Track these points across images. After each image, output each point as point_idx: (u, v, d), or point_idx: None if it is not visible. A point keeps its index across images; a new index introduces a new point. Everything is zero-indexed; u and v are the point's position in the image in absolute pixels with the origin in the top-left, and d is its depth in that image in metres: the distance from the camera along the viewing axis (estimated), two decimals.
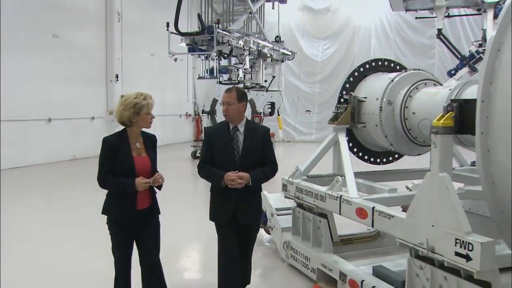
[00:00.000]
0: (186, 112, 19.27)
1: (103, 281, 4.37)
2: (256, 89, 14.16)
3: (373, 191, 4.51)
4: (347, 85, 5.21)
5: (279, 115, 15.87)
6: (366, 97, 4.93)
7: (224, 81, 12.89)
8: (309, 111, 19.91)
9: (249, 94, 14.06)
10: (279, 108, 15.60)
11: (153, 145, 3.50)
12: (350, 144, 5.15)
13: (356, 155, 5.35)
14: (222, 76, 13.04)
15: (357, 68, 5.32)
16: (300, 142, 19.31)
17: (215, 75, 12.74)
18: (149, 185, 3.29)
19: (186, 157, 13.84)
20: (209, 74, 13.07)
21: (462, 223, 2.80)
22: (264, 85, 14.17)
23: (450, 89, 4.04)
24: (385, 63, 5.41)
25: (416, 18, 12.87)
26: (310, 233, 4.67)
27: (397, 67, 5.41)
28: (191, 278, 4.87)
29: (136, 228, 3.38)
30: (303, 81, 20.05)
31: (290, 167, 5.05)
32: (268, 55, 13.86)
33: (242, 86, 12.73)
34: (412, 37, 18.62)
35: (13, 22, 11.30)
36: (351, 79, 5.24)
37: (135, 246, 3.47)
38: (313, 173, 5.00)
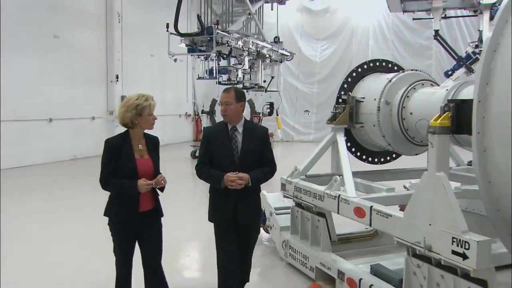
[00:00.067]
0: (185, 112, 19.27)
1: (103, 280, 4.37)
2: (255, 90, 14.16)
3: (371, 190, 4.51)
4: (345, 86, 5.21)
5: (278, 115, 15.87)
6: (364, 97, 4.94)
7: (224, 81, 12.90)
8: (307, 111, 19.91)
9: (248, 94, 14.06)
10: (278, 108, 15.61)
11: (156, 147, 3.46)
12: (348, 144, 5.15)
13: (354, 155, 5.36)
14: (222, 76, 13.05)
15: (355, 69, 5.33)
16: (298, 142, 19.31)
17: (214, 76, 12.77)
18: (152, 187, 3.26)
19: (186, 157, 13.84)
20: (208, 74, 13.10)
21: (458, 222, 2.81)
22: (263, 85, 14.16)
23: (447, 90, 4.05)
24: (383, 64, 5.42)
25: (414, 19, 12.87)
26: (308, 232, 4.67)
27: (395, 68, 5.42)
28: (191, 277, 4.87)
29: (138, 230, 3.35)
30: (301, 81, 20.06)
31: (289, 166, 5.06)
32: (267, 55, 13.86)
33: (241, 87, 12.74)
34: (410, 38, 18.64)
35: (14, 22, 11.30)
36: (349, 79, 5.24)
37: (137, 247, 3.43)
38: (311, 173, 5.01)
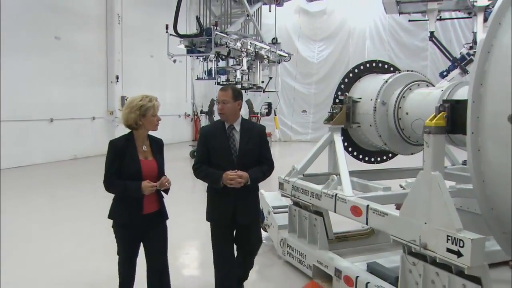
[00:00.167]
0: (185, 113, 19.25)
1: (103, 280, 4.37)
2: (253, 90, 14.16)
3: (368, 189, 4.52)
4: (342, 86, 5.22)
5: (275, 115, 15.89)
6: (360, 98, 4.94)
7: (222, 82, 12.89)
8: (305, 111, 19.92)
9: (247, 94, 14.07)
10: (276, 109, 15.63)
11: (160, 149, 3.40)
12: (345, 144, 5.16)
13: (351, 154, 5.36)
14: (220, 77, 13.05)
15: (352, 70, 5.33)
16: (296, 142, 19.31)
17: (213, 76, 12.76)
18: (156, 189, 3.21)
19: (185, 157, 13.82)
20: (207, 75, 13.09)
21: (453, 220, 2.82)
22: (261, 85, 14.16)
23: (442, 90, 4.05)
24: (379, 65, 5.42)
25: (409, 21, 12.93)
26: (306, 230, 4.67)
27: (391, 69, 5.42)
28: (190, 275, 4.87)
29: (143, 232, 3.29)
30: (299, 82, 20.06)
31: (287, 166, 5.05)
32: (265, 56, 13.86)
33: (240, 87, 12.73)
34: (405, 39, 18.65)
35: (16, 23, 11.28)
36: (346, 80, 5.24)
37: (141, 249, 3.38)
38: (309, 172, 5.00)
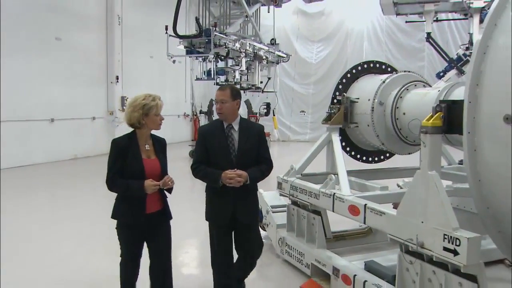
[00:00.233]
0: (184, 113, 19.24)
1: (104, 279, 4.37)
2: (252, 90, 14.16)
3: (365, 189, 4.53)
4: (340, 86, 5.22)
5: (274, 115, 15.90)
6: (358, 98, 4.94)
7: (221, 82, 12.88)
8: (303, 111, 19.93)
9: (245, 95, 14.07)
10: (275, 109, 15.63)
11: (163, 148, 3.36)
12: (343, 144, 5.16)
13: (349, 154, 5.37)
14: (219, 77, 13.04)
15: (349, 70, 5.34)
16: (294, 142, 19.32)
17: (212, 77, 12.76)
18: (159, 188, 3.15)
19: (184, 156, 13.82)
20: (206, 75, 13.08)
21: (450, 219, 2.83)
22: (259, 86, 14.16)
23: (438, 91, 4.06)
24: (377, 65, 5.43)
25: (406, 22, 12.92)
26: (304, 229, 4.67)
27: (388, 69, 5.43)
28: (189, 273, 4.87)
29: (147, 232, 3.25)
30: (297, 82, 20.07)
31: (285, 165, 5.06)
32: (264, 57, 13.86)
33: (239, 87, 12.74)
34: (403, 40, 18.68)
35: (17, 25, 11.28)
36: (344, 80, 5.25)
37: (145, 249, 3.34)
38: (307, 172, 5.00)
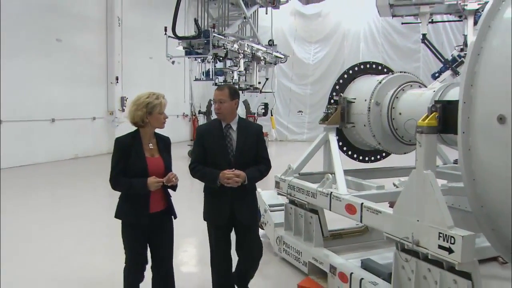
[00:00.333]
0: (183, 113, 19.20)
1: (104, 278, 4.36)
2: (250, 91, 14.17)
3: (362, 188, 4.53)
4: (337, 87, 5.22)
5: (272, 116, 15.88)
6: (355, 98, 4.95)
7: (220, 82, 12.87)
8: (301, 111, 19.92)
9: (244, 95, 14.06)
10: (272, 109, 15.62)
11: (167, 147, 3.28)
12: (340, 143, 5.16)
13: (346, 154, 5.37)
14: (218, 78, 13.04)
15: (346, 71, 5.33)
16: (292, 141, 19.31)
17: (211, 77, 12.76)
18: (162, 185, 3.08)
19: (183, 156, 13.78)
20: (205, 76, 13.09)
21: (445, 217, 2.83)
22: (258, 86, 14.17)
23: (434, 91, 4.07)
24: (373, 66, 5.43)
25: (402, 23, 12.92)
26: (301, 228, 4.68)
27: (385, 70, 5.43)
28: (188, 272, 4.87)
29: (151, 231, 3.17)
30: (295, 83, 20.06)
31: (283, 165, 5.06)
32: (262, 58, 13.87)
33: (237, 87, 12.73)
34: (399, 41, 18.69)
35: (19, 26, 11.25)
36: (341, 81, 5.25)
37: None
38: (304, 171, 5.01)
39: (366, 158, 5.55)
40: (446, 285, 2.88)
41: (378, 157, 5.60)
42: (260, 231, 5.63)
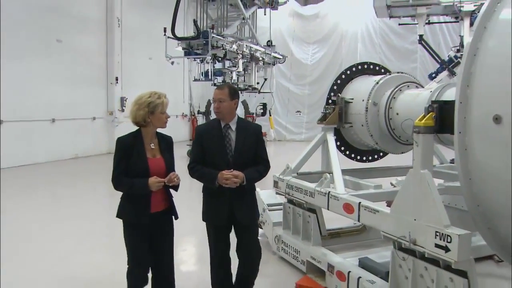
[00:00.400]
0: (182, 113, 19.19)
1: (104, 277, 4.35)
2: (249, 91, 14.18)
3: (359, 187, 4.53)
4: (335, 87, 5.22)
5: (270, 116, 15.90)
6: (352, 99, 4.95)
7: (219, 83, 12.89)
8: (299, 111, 19.93)
9: (242, 95, 14.06)
10: (271, 109, 15.64)
11: (169, 146, 3.23)
12: (338, 143, 5.16)
13: (344, 154, 5.37)
14: (217, 78, 13.06)
15: (344, 71, 5.34)
16: (290, 141, 19.32)
17: (210, 78, 12.76)
18: (164, 185, 3.05)
19: (182, 155, 13.76)
20: (204, 76, 13.10)
21: (441, 217, 2.84)
22: (256, 87, 14.18)
23: (431, 91, 4.07)
24: (371, 67, 5.43)
25: (399, 24, 13.00)
26: (300, 227, 4.68)
27: (382, 70, 5.43)
28: (187, 270, 4.87)
29: (152, 231, 3.14)
30: (293, 83, 20.07)
31: (281, 164, 5.05)
32: (260, 58, 13.88)
33: None
34: (396, 42, 18.71)
35: (20, 27, 11.24)
36: (339, 81, 5.25)
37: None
38: (302, 171, 5.01)
39: (364, 158, 5.56)
40: (443, 283, 2.89)
41: (376, 156, 5.61)
42: (259, 230, 5.66)
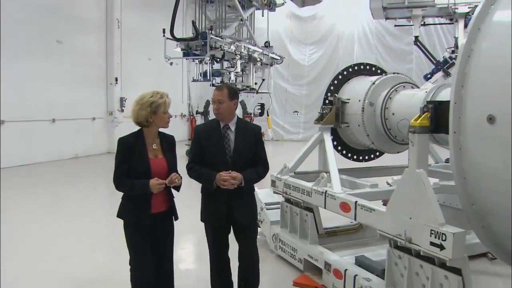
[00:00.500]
0: (181, 113, 19.19)
1: (104, 276, 4.34)
2: (246, 91, 14.15)
3: (356, 186, 4.53)
4: (332, 88, 5.22)
5: (268, 116, 15.89)
6: (349, 99, 4.95)
7: (217, 83, 12.88)
8: (296, 111, 19.96)
9: (240, 96, 14.03)
10: (269, 109, 15.63)
11: (171, 146, 3.18)
12: (335, 143, 5.16)
13: (340, 153, 5.37)
14: (215, 79, 13.03)
15: (341, 72, 5.34)
16: (288, 141, 19.34)
17: (208, 78, 12.75)
18: (165, 187, 3.00)
19: (181, 155, 13.78)
20: (202, 77, 13.08)
21: (436, 215, 2.85)
22: (254, 87, 14.16)
23: (426, 92, 4.08)
24: (367, 67, 5.44)
25: (395, 26, 12.99)
26: (297, 226, 4.68)
27: (378, 71, 5.44)
28: (186, 269, 4.86)
29: (152, 232, 3.11)
30: (291, 83, 20.09)
31: (279, 164, 5.05)
32: (258, 59, 13.87)
33: None
34: (392, 43, 18.75)
35: (20, 28, 11.21)
36: (336, 81, 5.25)
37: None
38: (300, 170, 5.01)
39: (360, 157, 5.56)
40: (438, 281, 2.90)
41: (372, 156, 5.62)
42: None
